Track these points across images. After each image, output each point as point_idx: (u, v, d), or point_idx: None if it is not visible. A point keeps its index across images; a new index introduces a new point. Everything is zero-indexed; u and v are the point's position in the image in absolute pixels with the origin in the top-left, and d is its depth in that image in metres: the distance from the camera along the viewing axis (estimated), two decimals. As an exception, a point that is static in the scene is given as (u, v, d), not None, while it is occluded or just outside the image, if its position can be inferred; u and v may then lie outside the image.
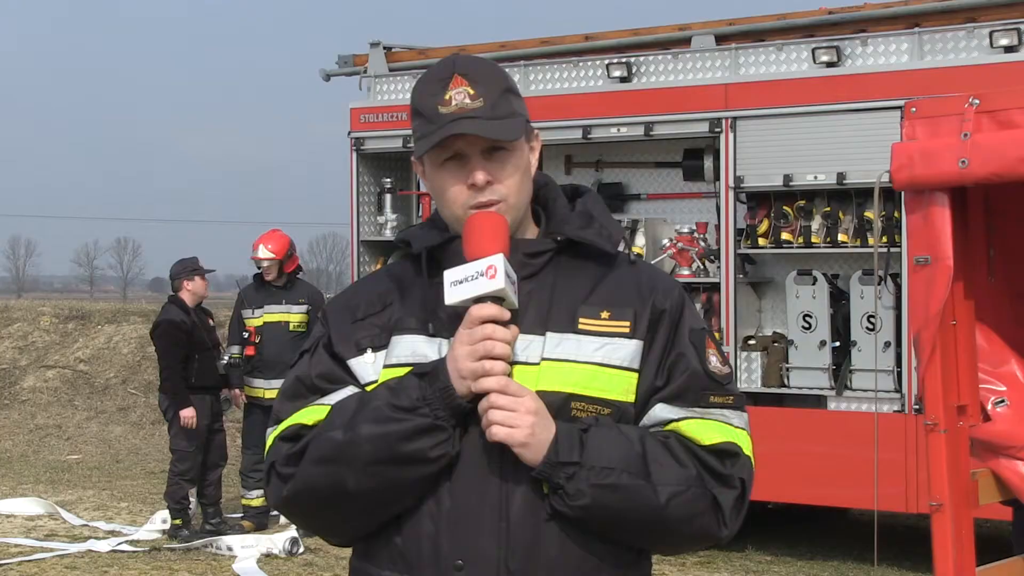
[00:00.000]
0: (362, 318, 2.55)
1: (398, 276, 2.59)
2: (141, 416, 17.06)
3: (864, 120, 9.14)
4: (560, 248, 2.52)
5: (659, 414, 2.47)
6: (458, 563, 2.40)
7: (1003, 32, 8.87)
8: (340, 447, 2.42)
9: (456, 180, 2.48)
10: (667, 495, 2.39)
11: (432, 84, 2.49)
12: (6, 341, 19.12)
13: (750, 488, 2.49)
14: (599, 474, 2.37)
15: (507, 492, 2.40)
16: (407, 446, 2.39)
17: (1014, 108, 3.84)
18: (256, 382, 10.75)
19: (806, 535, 10.39)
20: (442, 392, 2.39)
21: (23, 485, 13.39)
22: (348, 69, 11.88)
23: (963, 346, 4.12)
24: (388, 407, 2.40)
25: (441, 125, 2.44)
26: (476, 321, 2.38)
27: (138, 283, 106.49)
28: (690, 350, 2.49)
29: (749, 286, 10.06)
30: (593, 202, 2.59)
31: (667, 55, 10.13)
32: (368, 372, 2.51)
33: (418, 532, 2.44)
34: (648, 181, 10.78)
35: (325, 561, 9.54)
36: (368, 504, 2.45)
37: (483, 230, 2.42)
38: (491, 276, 2.37)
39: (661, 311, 2.50)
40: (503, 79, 2.51)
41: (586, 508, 2.38)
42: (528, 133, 2.54)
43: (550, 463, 2.37)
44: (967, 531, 4.05)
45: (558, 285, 2.49)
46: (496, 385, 2.36)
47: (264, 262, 10.81)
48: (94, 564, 9.58)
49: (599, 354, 2.45)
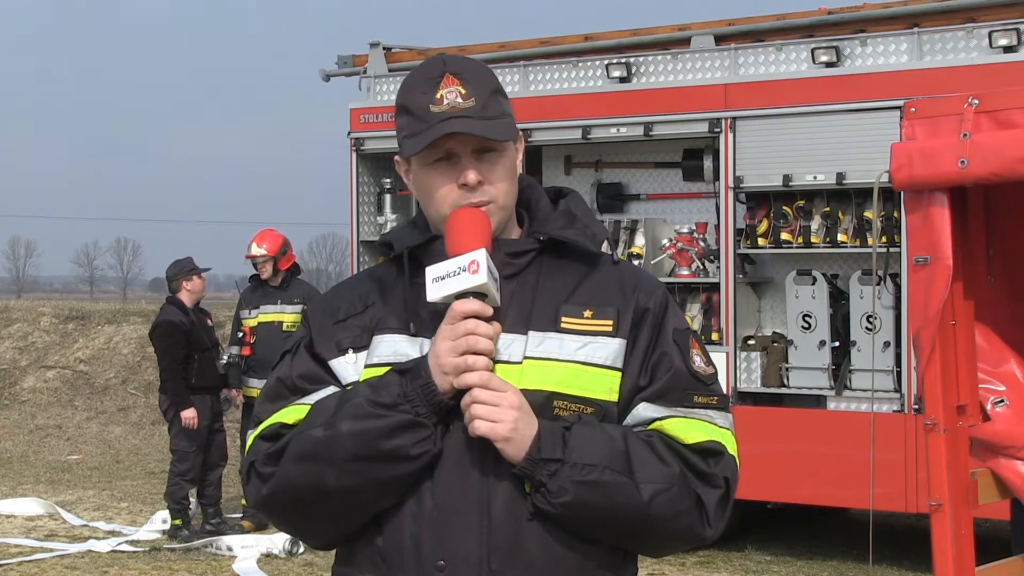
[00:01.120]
0: (343, 319, 2.53)
1: (379, 277, 2.58)
2: (141, 416, 17.06)
3: (863, 120, 9.14)
4: (543, 248, 2.51)
5: (642, 413, 2.45)
6: (440, 563, 2.38)
7: (1002, 32, 8.87)
8: (320, 444, 2.40)
9: (446, 180, 2.47)
10: (650, 493, 2.37)
11: (422, 83, 2.48)
12: (6, 341, 19.12)
13: (734, 488, 2.47)
14: (582, 471, 2.35)
15: (489, 491, 2.38)
16: (388, 443, 2.37)
17: (1013, 108, 3.85)
18: (252, 382, 10.77)
19: (805, 535, 10.39)
20: (423, 388, 2.37)
21: (23, 485, 13.39)
22: (348, 69, 11.89)
23: (962, 346, 4.13)
24: (368, 403, 2.39)
25: (432, 124, 2.43)
26: (458, 316, 2.37)
27: (138, 283, 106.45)
28: (674, 349, 2.48)
29: (749, 286, 10.07)
30: (576, 203, 2.58)
31: (666, 55, 10.13)
32: (349, 372, 2.49)
33: (399, 532, 2.42)
34: (648, 181, 10.79)
35: (325, 561, 9.54)
36: (348, 503, 2.42)
37: (465, 226, 2.41)
38: (473, 271, 2.36)
39: (644, 310, 2.48)
40: (492, 79, 2.51)
41: (568, 505, 2.36)
42: (516, 135, 2.54)
43: (532, 459, 2.35)
44: (967, 531, 4.06)
45: (541, 284, 2.48)
46: (479, 380, 2.35)
47: (258, 259, 10.83)
48: (94, 564, 9.58)
49: (581, 353, 2.43)
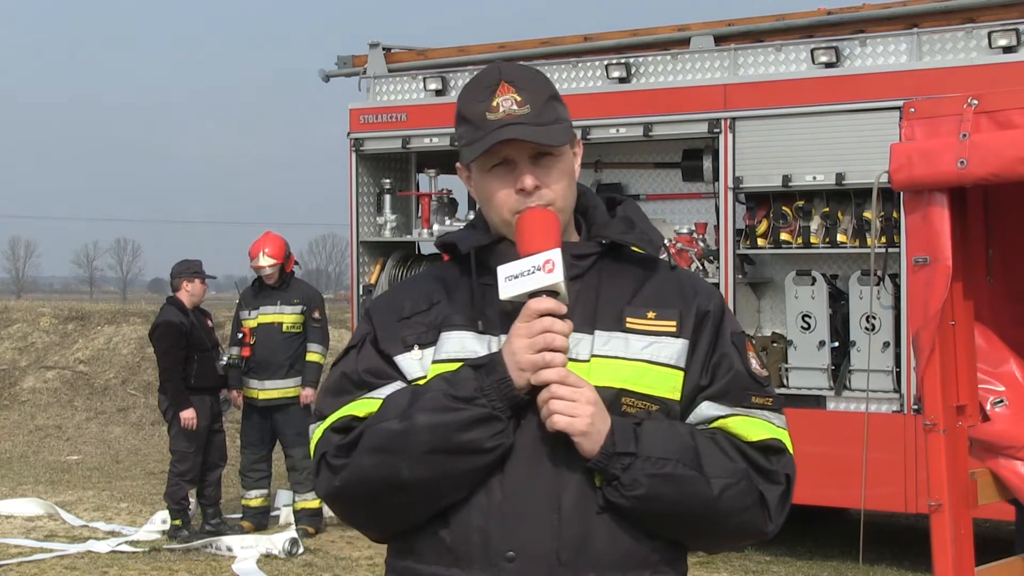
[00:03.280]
0: (408, 316, 2.59)
1: (443, 277, 2.65)
2: (141, 417, 17.06)
3: (863, 121, 9.15)
4: (603, 252, 2.59)
5: (705, 411, 2.53)
6: (509, 554, 2.44)
7: (1002, 32, 8.88)
8: (396, 436, 2.45)
9: (504, 185, 2.53)
10: (720, 487, 2.45)
11: (479, 91, 2.55)
12: (6, 342, 19.12)
13: (793, 484, 2.54)
14: (655, 464, 2.42)
15: (559, 484, 2.45)
16: (464, 435, 2.43)
17: (1012, 108, 3.85)
18: (251, 383, 10.76)
19: (805, 535, 10.39)
20: (499, 383, 2.43)
21: (23, 485, 13.39)
22: (347, 70, 11.89)
23: (962, 346, 4.13)
24: (446, 397, 2.45)
25: (489, 131, 2.50)
26: (534, 314, 2.43)
27: (138, 284, 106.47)
28: (733, 351, 2.57)
29: (748, 286, 10.07)
30: (632, 210, 2.67)
31: (666, 56, 10.13)
32: (415, 368, 2.55)
33: (467, 525, 2.47)
34: (647, 182, 10.79)
35: (325, 561, 9.54)
36: (420, 495, 2.48)
37: (538, 226, 2.48)
38: (549, 270, 2.43)
39: (705, 312, 2.57)
40: (547, 86, 2.58)
41: (641, 499, 2.43)
42: (572, 139, 2.60)
43: (607, 453, 2.42)
44: (966, 531, 4.06)
45: (603, 286, 2.56)
46: (556, 376, 2.41)
47: (267, 269, 10.78)
48: (94, 564, 9.58)
49: (647, 352, 2.51)
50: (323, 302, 11.33)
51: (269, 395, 10.69)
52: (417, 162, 11.73)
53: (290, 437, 10.71)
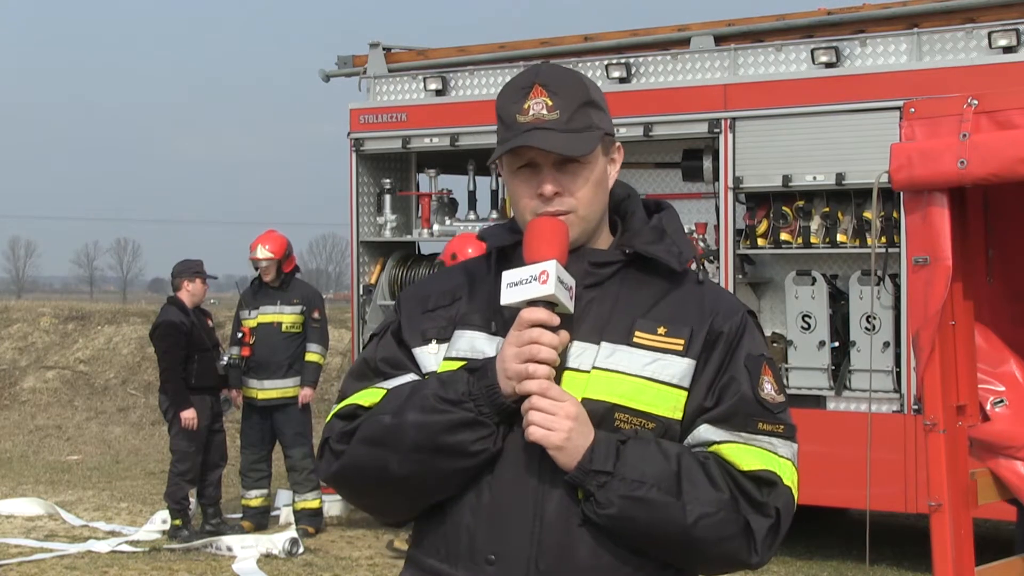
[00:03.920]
0: (432, 309, 2.62)
1: (471, 272, 2.66)
2: (141, 416, 17.07)
3: (863, 121, 9.15)
4: (629, 260, 2.57)
5: (703, 435, 2.49)
6: (490, 557, 2.45)
7: (1002, 33, 8.88)
8: (386, 431, 2.50)
9: (527, 188, 2.53)
10: (696, 515, 2.41)
11: (514, 91, 2.55)
12: (6, 342, 19.13)
13: (787, 519, 2.49)
14: (629, 486, 2.40)
15: (543, 493, 2.45)
16: (449, 437, 2.45)
17: (1013, 109, 3.85)
18: (250, 383, 10.77)
19: (805, 535, 10.38)
20: (487, 389, 2.45)
21: (23, 485, 13.39)
22: (347, 70, 11.89)
23: (962, 346, 4.13)
24: (435, 398, 2.47)
25: (516, 133, 2.50)
26: (525, 324, 2.43)
27: (138, 284, 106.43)
28: (743, 374, 2.51)
29: (748, 286, 10.07)
30: (669, 219, 2.64)
31: (666, 56, 10.13)
32: (430, 362, 2.58)
33: (458, 522, 2.50)
34: (647, 181, 10.78)
35: (325, 561, 9.54)
36: (409, 489, 2.52)
37: (542, 235, 2.48)
38: (543, 281, 2.43)
39: (719, 333, 2.53)
40: (584, 92, 2.54)
41: (613, 518, 2.41)
42: (608, 146, 2.59)
43: (583, 469, 2.41)
44: (966, 531, 4.06)
45: (621, 296, 2.54)
46: (537, 388, 2.41)
47: (263, 262, 10.80)
48: (94, 564, 9.58)
49: (649, 368, 2.48)
50: (323, 302, 11.34)
51: (268, 395, 10.70)
52: (417, 162, 11.73)
53: (289, 437, 10.72)
